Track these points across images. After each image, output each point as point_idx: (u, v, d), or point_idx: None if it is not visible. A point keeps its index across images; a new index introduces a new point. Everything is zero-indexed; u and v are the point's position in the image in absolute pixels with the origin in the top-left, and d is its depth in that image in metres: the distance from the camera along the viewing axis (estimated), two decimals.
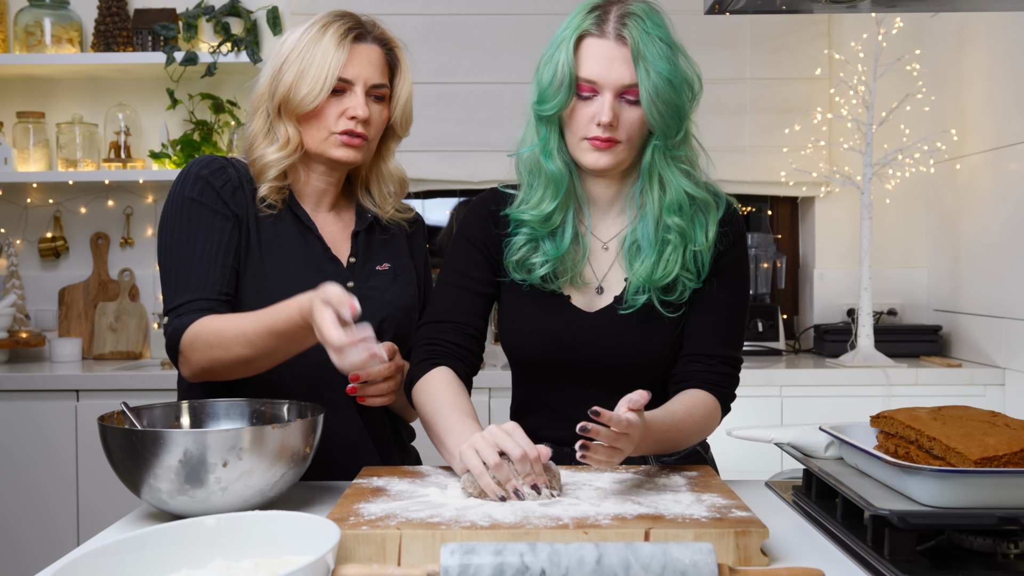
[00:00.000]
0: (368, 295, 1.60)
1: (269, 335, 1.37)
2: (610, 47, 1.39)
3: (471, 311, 1.51)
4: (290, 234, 1.58)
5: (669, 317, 1.47)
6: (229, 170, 1.57)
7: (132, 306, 3.44)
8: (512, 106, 3.39)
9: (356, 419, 1.58)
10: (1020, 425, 1.15)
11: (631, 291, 1.47)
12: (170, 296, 1.50)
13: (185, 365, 1.46)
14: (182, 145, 3.32)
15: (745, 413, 2.87)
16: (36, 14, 3.31)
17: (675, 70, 1.40)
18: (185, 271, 1.49)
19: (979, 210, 3.06)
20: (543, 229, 1.48)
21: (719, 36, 3.42)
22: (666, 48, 1.39)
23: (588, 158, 1.44)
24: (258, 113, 1.59)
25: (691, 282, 1.46)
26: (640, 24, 1.39)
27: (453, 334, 1.49)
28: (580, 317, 1.49)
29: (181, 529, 1.02)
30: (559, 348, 1.49)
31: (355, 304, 1.22)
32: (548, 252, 1.47)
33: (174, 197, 1.54)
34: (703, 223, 1.47)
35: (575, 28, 1.41)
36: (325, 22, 1.55)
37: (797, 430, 1.42)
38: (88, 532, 2.88)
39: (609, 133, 1.41)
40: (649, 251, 1.46)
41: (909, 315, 3.48)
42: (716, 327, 1.49)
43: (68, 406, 2.90)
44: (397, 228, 1.70)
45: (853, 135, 3.33)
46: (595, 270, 1.52)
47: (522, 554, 0.93)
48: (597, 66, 1.39)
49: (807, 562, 1.10)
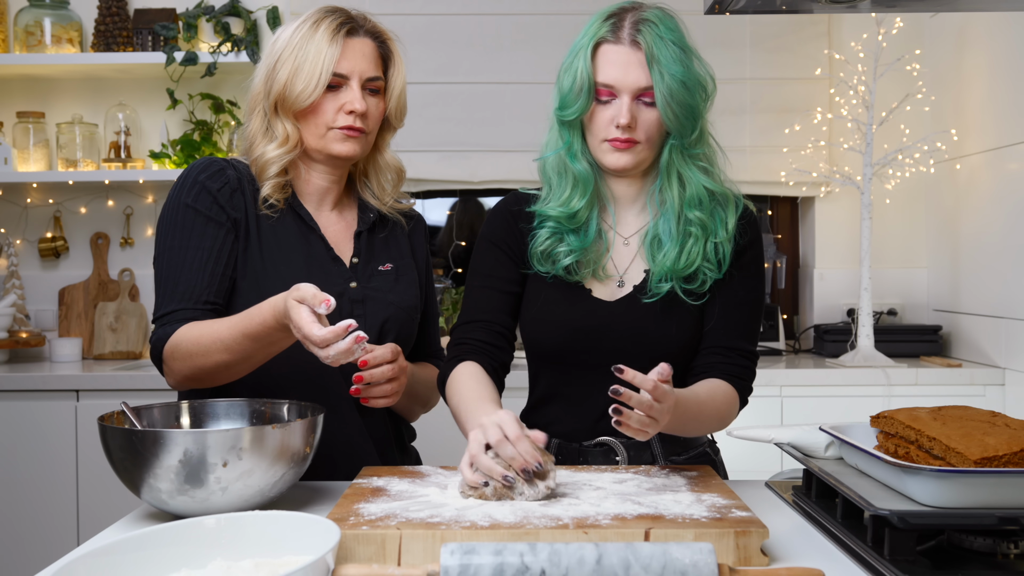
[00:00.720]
0: (371, 296, 1.60)
1: (244, 338, 1.38)
2: (626, 52, 1.45)
3: (497, 309, 1.55)
4: (292, 234, 1.58)
5: (691, 304, 1.51)
6: (228, 171, 1.57)
7: (132, 306, 3.44)
8: (512, 106, 3.40)
9: (357, 420, 1.58)
10: (1020, 425, 1.15)
11: (654, 280, 1.51)
12: (158, 304, 1.52)
13: (169, 374, 1.49)
14: (182, 145, 3.32)
15: (745, 413, 2.85)
16: (36, 14, 3.31)
17: (688, 72, 1.45)
18: (173, 279, 1.50)
19: (979, 210, 3.06)
20: (569, 225, 1.52)
21: (719, 36, 3.42)
22: (679, 51, 1.45)
23: (609, 159, 1.49)
24: (255, 112, 1.59)
25: (712, 273, 1.51)
26: (654, 29, 1.45)
27: (479, 332, 1.53)
28: (602, 306, 1.53)
29: (181, 529, 1.02)
30: (581, 337, 1.52)
31: (330, 300, 1.25)
32: (572, 244, 1.52)
33: (171, 202, 1.55)
34: (723, 217, 1.53)
35: (592, 36, 1.48)
36: (316, 18, 1.55)
37: (797, 430, 1.42)
38: (88, 532, 2.88)
39: (628, 134, 1.46)
40: (671, 244, 1.51)
41: (909, 315, 3.48)
42: (737, 322, 1.54)
43: (68, 406, 2.90)
44: (398, 225, 1.70)
45: (853, 135, 3.33)
46: (616, 264, 1.56)
47: (522, 554, 0.93)
48: (614, 71, 1.45)
49: (807, 562, 1.10)
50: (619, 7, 1.50)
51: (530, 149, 1.65)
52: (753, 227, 1.57)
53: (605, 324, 1.52)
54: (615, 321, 1.52)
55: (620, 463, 1.52)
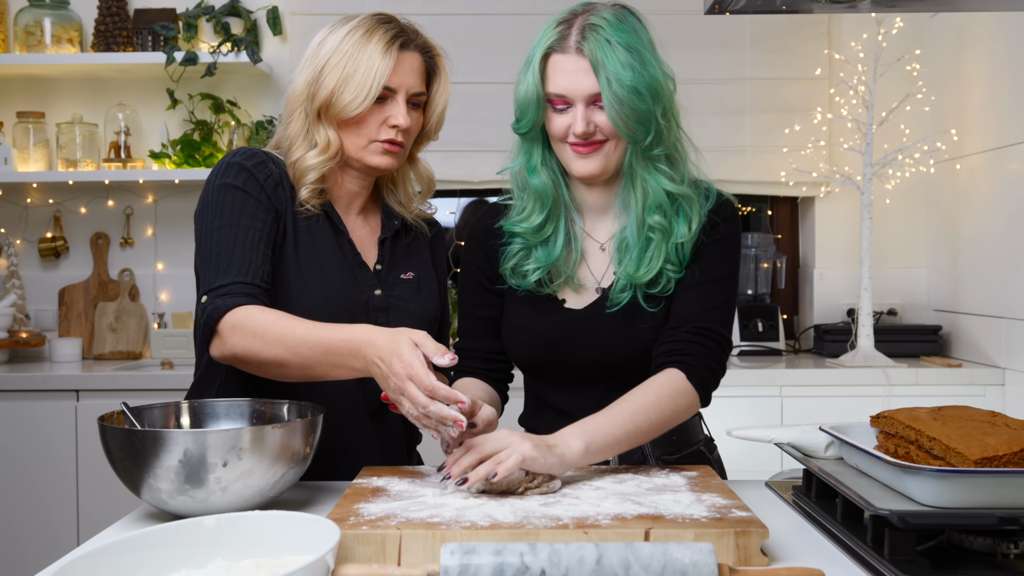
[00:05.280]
0: (394, 304, 1.59)
1: (316, 347, 1.32)
2: (573, 60, 1.44)
3: (485, 335, 1.61)
4: (326, 237, 1.56)
5: (651, 311, 1.49)
6: (270, 165, 1.53)
7: (132, 306, 3.44)
8: (512, 106, 3.39)
9: (367, 427, 1.57)
10: (1020, 425, 1.15)
11: (616, 289, 1.50)
12: (211, 277, 1.44)
13: (219, 346, 1.40)
14: (182, 145, 3.32)
15: (745, 413, 2.88)
16: (36, 14, 3.31)
17: (638, 76, 1.42)
18: (227, 254, 1.44)
19: (979, 210, 3.06)
20: (535, 239, 1.53)
21: (719, 36, 3.42)
22: (627, 55, 1.42)
23: (575, 166, 1.49)
24: (295, 115, 1.55)
25: (674, 273, 1.49)
26: (601, 33, 1.42)
27: (473, 360, 1.61)
28: (571, 316, 1.53)
29: (181, 529, 1.02)
30: (551, 348, 1.53)
31: (455, 356, 1.24)
32: (540, 259, 1.53)
33: (214, 184, 1.50)
34: (687, 215, 1.50)
35: (542, 46, 1.47)
36: (369, 26, 1.51)
37: (797, 430, 1.42)
38: (88, 532, 2.88)
39: (589, 139, 1.46)
40: (634, 249, 1.49)
41: (909, 315, 3.48)
42: (692, 299, 1.48)
43: (68, 406, 2.90)
44: (420, 233, 1.69)
45: (853, 135, 3.33)
46: (593, 271, 1.56)
47: (522, 554, 0.93)
48: (563, 80, 1.45)
49: (807, 562, 1.10)
50: (571, 11, 1.47)
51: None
52: (724, 215, 1.52)
53: (575, 334, 1.52)
54: (583, 330, 1.52)
55: (610, 462, 1.51)
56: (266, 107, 3.47)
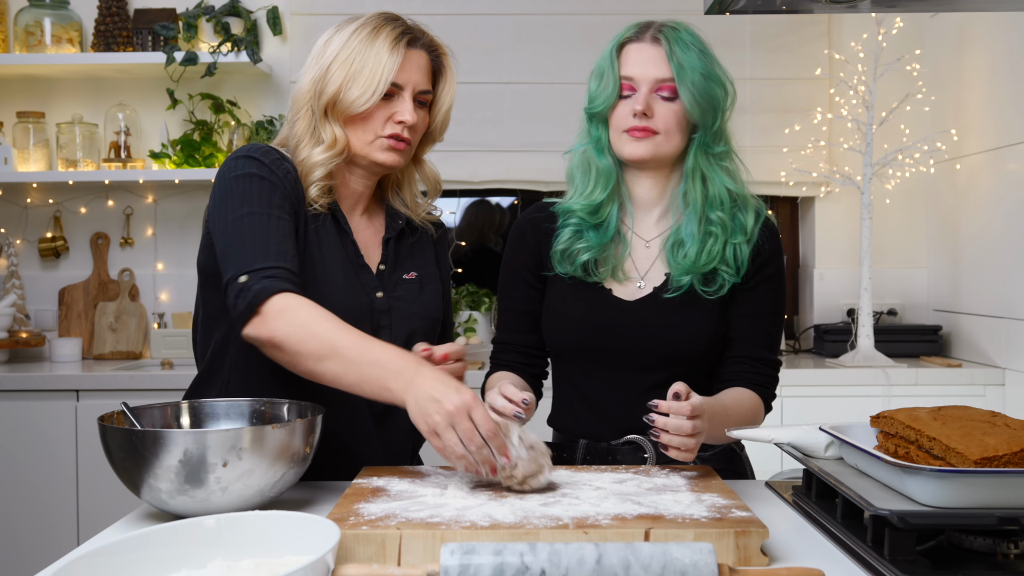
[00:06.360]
0: (396, 306, 1.58)
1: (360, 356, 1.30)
2: (646, 48, 1.56)
3: (524, 329, 1.67)
4: (330, 237, 1.55)
5: (709, 300, 1.56)
6: (286, 163, 1.52)
7: (132, 306, 3.44)
8: (512, 106, 3.39)
9: (370, 429, 1.56)
10: (1020, 425, 1.15)
11: (675, 277, 1.57)
12: (247, 258, 1.38)
13: (257, 326, 1.35)
14: (182, 145, 3.32)
15: None
16: (36, 14, 3.32)
17: (708, 68, 1.55)
18: (263, 240, 1.40)
19: (979, 210, 3.06)
20: (591, 220, 1.60)
21: (719, 36, 3.38)
22: (699, 52, 1.55)
23: (627, 149, 1.56)
24: (301, 113, 1.55)
25: (730, 276, 1.57)
26: (675, 32, 1.56)
27: (511, 354, 1.68)
28: (621, 305, 1.59)
29: (181, 529, 1.02)
30: (600, 335, 1.58)
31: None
32: (592, 240, 1.59)
33: (232, 175, 1.46)
34: (742, 220, 1.59)
35: (620, 38, 1.60)
36: (376, 24, 1.52)
37: (797, 430, 1.42)
38: (88, 532, 2.88)
39: (645, 123, 1.54)
40: (692, 244, 1.56)
41: (909, 315, 3.48)
42: (762, 332, 1.61)
43: (68, 406, 2.90)
44: (425, 233, 1.69)
45: (853, 135, 3.33)
46: (637, 266, 1.62)
47: (522, 554, 0.93)
48: (634, 63, 1.56)
49: (807, 562, 1.10)
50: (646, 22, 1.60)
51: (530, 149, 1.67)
52: (774, 237, 1.63)
53: (623, 321, 1.57)
54: (633, 319, 1.57)
55: (648, 461, 1.55)
56: (266, 107, 3.47)
